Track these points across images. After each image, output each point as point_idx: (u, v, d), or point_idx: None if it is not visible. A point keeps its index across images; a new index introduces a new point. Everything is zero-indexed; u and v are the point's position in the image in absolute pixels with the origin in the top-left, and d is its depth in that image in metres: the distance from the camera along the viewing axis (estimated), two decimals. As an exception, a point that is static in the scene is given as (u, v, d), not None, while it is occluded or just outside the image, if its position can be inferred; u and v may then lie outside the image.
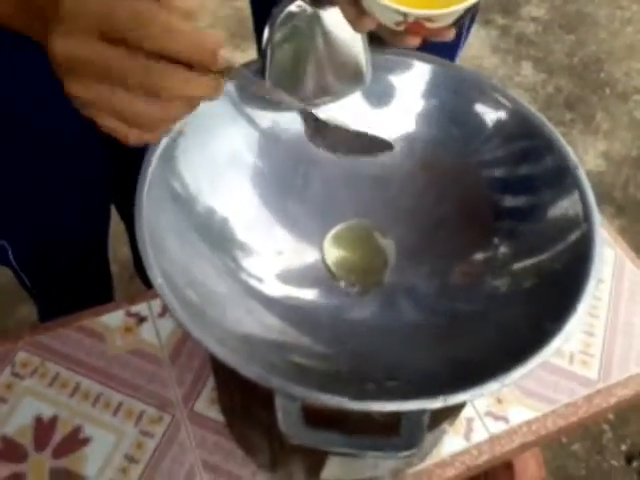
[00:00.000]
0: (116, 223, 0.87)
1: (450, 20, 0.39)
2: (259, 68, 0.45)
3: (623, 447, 1.10)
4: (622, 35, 1.92)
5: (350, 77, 0.47)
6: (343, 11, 0.41)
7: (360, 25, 0.41)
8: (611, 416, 1.11)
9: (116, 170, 0.73)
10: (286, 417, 0.31)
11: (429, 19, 0.38)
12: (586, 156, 1.56)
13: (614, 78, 1.78)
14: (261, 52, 0.44)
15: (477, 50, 1.84)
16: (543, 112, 0.48)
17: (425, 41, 0.42)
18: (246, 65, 0.47)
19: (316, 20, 0.43)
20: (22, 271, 0.76)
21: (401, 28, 0.39)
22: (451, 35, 0.42)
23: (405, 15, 0.37)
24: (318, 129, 0.41)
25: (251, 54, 0.47)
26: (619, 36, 1.91)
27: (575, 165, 0.45)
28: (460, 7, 0.37)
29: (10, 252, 0.72)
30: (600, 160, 1.56)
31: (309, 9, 0.42)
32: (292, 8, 0.42)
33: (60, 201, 0.68)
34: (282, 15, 0.42)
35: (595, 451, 1.09)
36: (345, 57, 0.45)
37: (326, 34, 0.44)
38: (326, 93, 0.47)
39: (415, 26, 0.39)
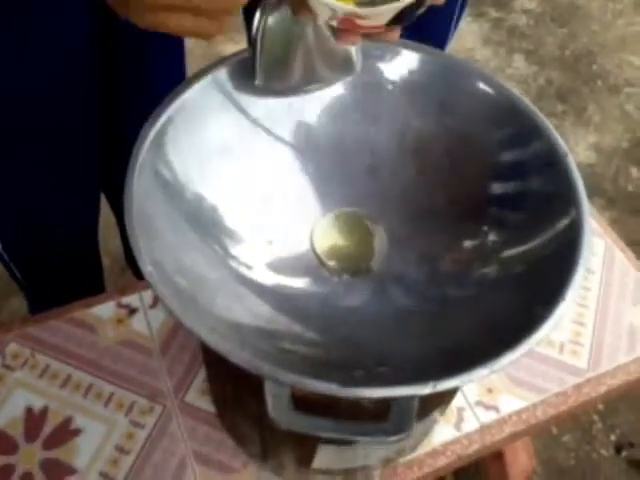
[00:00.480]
0: (107, 215, 0.86)
1: (383, 20, 0.38)
2: (249, 56, 0.45)
3: (612, 437, 1.11)
4: (614, 27, 1.92)
5: (340, 64, 0.47)
6: (289, 5, 0.41)
7: (300, 17, 0.41)
8: (601, 406, 1.12)
9: (107, 160, 0.73)
10: (276, 403, 0.31)
11: (358, 16, 0.38)
12: (577, 148, 1.56)
13: (606, 70, 1.78)
14: (250, 40, 0.44)
15: (469, 42, 1.84)
16: (535, 104, 0.48)
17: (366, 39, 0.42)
18: (236, 54, 0.47)
19: None
20: (12, 262, 0.76)
21: (334, 23, 0.39)
22: (394, 37, 0.42)
23: (334, 10, 0.37)
24: None
25: (243, 45, 0.47)
26: (611, 28, 1.92)
27: (564, 152, 0.45)
28: (384, 7, 0.37)
29: (0, 244, 0.71)
30: (591, 152, 1.57)
31: None
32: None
33: (49, 191, 0.68)
34: (272, 2, 0.42)
35: (585, 441, 1.10)
36: (334, 44, 0.45)
37: (315, 23, 0.44)
38: (316, 80, 0.47)
39: (346, 22, 0.39)
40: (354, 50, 0.47)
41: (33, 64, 0.55)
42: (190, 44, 0.75)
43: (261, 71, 0.45)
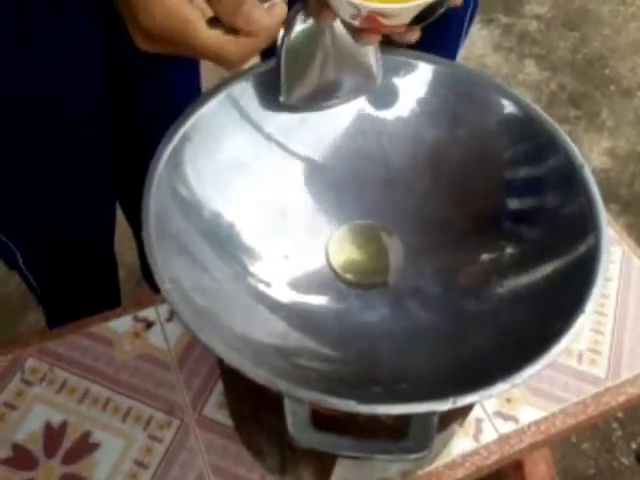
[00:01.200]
0: (123, 227, 0.87)
1: (406, 18, 0.39)
2: (274, 71, 0.45)
3: (633, 445, 1.09)
4: (626, 31, 1.91)
5: (361, 77, 0.47)
6: (309, 6, 0.42)
7: (321, 19, 0.41)
8: (620, 414, 1.11)
9: (124, 174, 0.74)
10: (295, 421, 0.31)
11: (382, 14, 0.38)
12: (591, 153, 1.55)
13: (619, 74, 1.77)
14: (275, 56, 0.45)
15: (480, 49, 1.84)
16: (547, 110, 0.48)
17: (387, 37, 0.42)
18: (251, 69, 0.48)
19: None
20: (31, 275, 0.76)
21: (357, 22, 0.39)
22: (414, 37, 0.42)
23: (358, 8, 0.38)
24: None
25: (256, 59, 0.48)
26: (623, 32, 1.90)
27: (581, 164, 0.44)
28: (411, 5, 0.37)
29: (19, 256, 0.72)
30: (605, 157, 1.55)
31: None
32: (304, 11, 0.43)
33: (66, 203, 0.69)
34: (295, 19, 0.42)
35: (605, 449, 1.08)
36: (355, 57, 0.46)
37: (336, 36, 0.44)
38: (339, 94, 0.47)
39: (369, 21, 0.39)
40: (374, 62, 0.47)
41: (47, 77, 0.55)
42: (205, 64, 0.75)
43: (286, 88, 0.45)
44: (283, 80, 0.45)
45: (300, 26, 0.43)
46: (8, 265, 0.75)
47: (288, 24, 0.43)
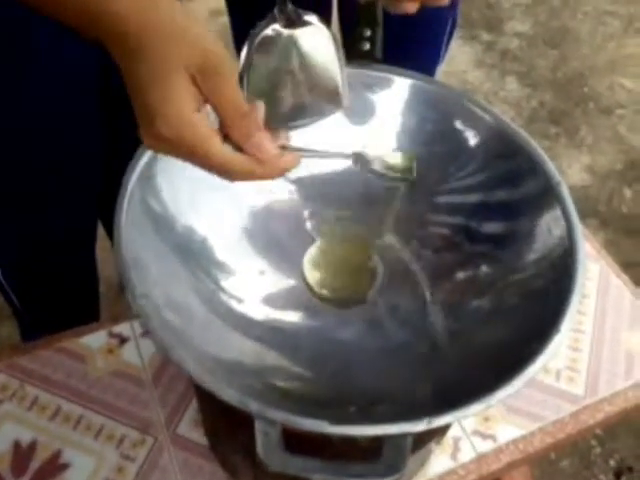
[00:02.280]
0: (103, 241, 0.86)
1: None
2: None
3: (612, 462, 1.09)
4: (605, 50, 1.94)
5: (327, 99, 0.47)
6: None
7: None
8: (599, 432, 1.11)
9: (106, 188, 0.73)
10: (265, 443, 0.30)
11: None
12: (570, 170, 1.57)
13: (597, 92, 1.80)
14: (238, 76, 0.44)
15: (462, 65, 1.86)
16: (527, 126, 0.48)
17: (423, 8, 0.43)
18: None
19: (292, 43, 0.43)
20: (10, 288, 0.75)
21: None
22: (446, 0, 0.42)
23: None
24: None
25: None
26: (602, 51, 1.94)
27: (558, 182, 0.45)
28: None
29: None
30: (584, 174, 1.57)
31: (285, 32, 0.42)
32: (268, 32, 0.42)
33: (49, 217, 0.68)
34: (258, 38, 0.42)
35: (584, 467, 1.08)
36: (322, 79, 0.45)
37: (302, 57, 0.44)
38: (304, 115, 0.47)
39: None
40: (341, 84, 0.46)
41: (40, 102, 0.55)
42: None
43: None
44: (246, 101, 0.44)
45: (265, 46, 0.43)
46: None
47: (249, 45, 0.42)
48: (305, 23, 0.42)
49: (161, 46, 0.33)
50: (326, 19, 0.60)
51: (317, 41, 0.43)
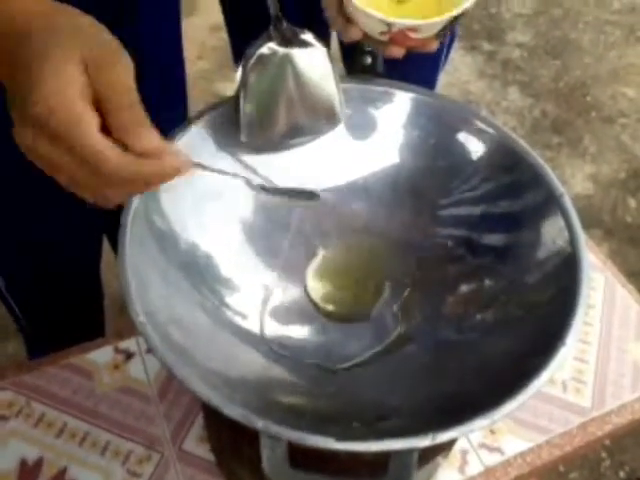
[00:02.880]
0: (108, 256, 0.86)
1: (434, 30, 0.40)
2: (233, 109, 0.45)
3: (621, 474, 1.08)
4: (606, 60, 1.95)
5: (323, 116, 0.47)
6: (332, 21, 0.42)
7: (347, 34, 0.42)
8: (609, 443, 1.10)
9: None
10: (271, 458, 0.30)
11: (414, 29, 0.38)
12: (573, 179, 1.57)
13: (600, 102, 1.80)
14: (234, 94, 0.44)
15: (464, 75, 1.86)
16: (530, 136, 0.48)
17: (409, 52, 0.43)
18: (232, 98, 0.48)
19: (288, 61, 0.43)
20: (14, 303, 0.75)
21: (385, 38, 0.40)
22: (434, 47, 0.43)
23: (390, 25, 0.38)
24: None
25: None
26: (603, 61, 1.94)
27: (561, 193, 0.45)
28: (445, 18, 0.38)
29: (2, 283, 0.71)
30: (588, 183, 1.57)
31: (281, 51, 0.43)
32: (264, 50, 0.42)
33: (53, 231, 0.68)
34: (254, 57, 0.42)
35: (593, 479, 1.07)
36: (317, 97, 0.45)
37: (298, 75, 0.44)
38: (300, 133, 0.47)
39: (399, 36, 0.39)
40: (337, 101, 0.47)
41: None
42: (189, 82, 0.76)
43: (246, 128, 0.45)
44: (242, 119, 0.44)
45: (261, 65, 0.43)
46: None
47: (245, 64, 0.43)
48: (300, 41, 0.43)
49: (56, 33, 0.31)
50: (326, 34, 0.61)
51: (313, 59, 0.43)
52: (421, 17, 0.39)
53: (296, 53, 0.43)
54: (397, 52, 0.42)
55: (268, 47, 0.42)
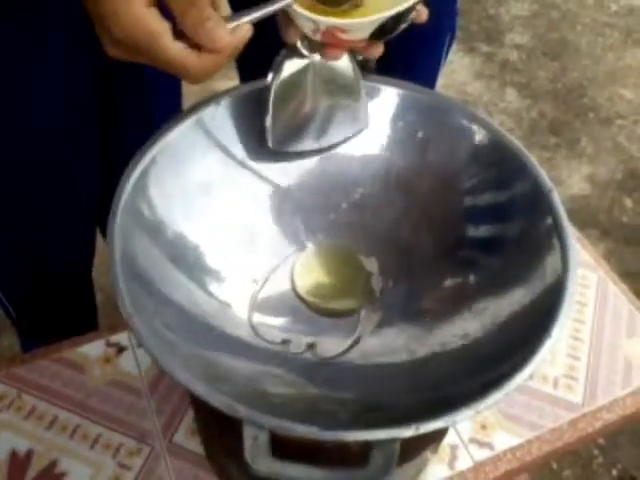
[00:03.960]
0: (100, 250, 0.86)
1: (365, 33, 0.39)
2: (263, 115, 0.45)
3: (614, 472, 1.08)
4: (604, 62, 1.95)
5: (349, 121, 0.48)
6: (278, 21, 0.42)
7: (287, 35, 0.42)
8: (602, 441, 1.10)
9: (103, 196, 0.73)
10: (253, 448, 0.30)
11: (340, 29, 0.39)
12: (570, 180, 1.57)
13: (597, 103, 1.81)
14: (264, 101, 0.45)
15: (462, 76, 1.87)
16: (528, 137, 0.48)
17: (352, 51, 0.44)
18: (223, 93, 0.48)
19: (314, 67, 0.44)
20: (6, 299, 0.75)
21: (318, 37, 0.40)
22: (377, 52, 0.43)
23: (316, 23, 0.38)
24: None
25: (237, 82, 0.49)
26: (601, 63, 1.95)
27: (550, 189, 0.45)
28: (367, 20, 0.38)
29: None
30: (585, 184, 1.57)
31: (308, 57, 0.44)
32: (292, 57, 0.43)
33: (46, 226, 0.68)
34: (283, 65, 0.43)
35: (586, 476, 1.08)
36: (344, 101, 0.46)
37: (324, 81, 0.45)
38: (329, 137, 0.48)
39: (329, 36, 0.40)
40: (362, 105, 0.47)
41: (36, 104, 0.56)
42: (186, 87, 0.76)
43: (273, 134, 0.46)
44: (270, 126, 0.45)
45: (288, 71, 0.44)
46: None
47: (276, 69, 0.43)
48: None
49: None
50: None
51: (338, 64, 0.44)
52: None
53: (322, 59, 0.44)
54: (333, 54, 0.43)
55: (296, 54, 0.43)
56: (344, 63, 0.45)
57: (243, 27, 0.38)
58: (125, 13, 0.34)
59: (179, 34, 0.36)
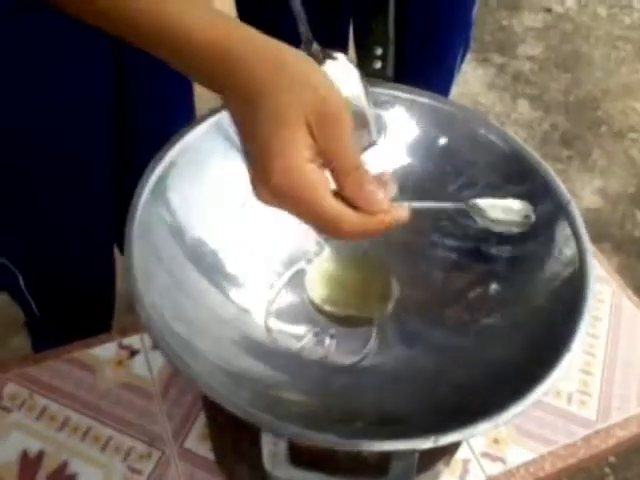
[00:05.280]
0: (117, 254, 0.86)
1: None
2: None
3: (625, 490, 1.07)
4: (617, 74, 1.95)
5: (357, 135, 0.47)
6: None
7: None
8: (613, 459, 1.09)
9: (124, 202, 0.74)
10: (271, 455, 0.30)
11: None
12: (582, 192, 1.56)
13: (610, 116, 1.80)
14: None
15: (475, 87, 1.87)
16: (539, 149, 0.48)
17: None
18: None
19: None
20: (30, 296, 0.76)
21: None
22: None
23: None
24: None
25: None
26: (614, 75, 1.94)
27: (567, 201, 0.45)
28: None
29: (21, 279, 0.72)
30: (597, 197, 1.57)
31: None
32: None
33: (66, 229, 0.69)
34: None
35: (596, 494, 1.07)
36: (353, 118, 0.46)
37: None
38: None
39: None
40: (369, 119, 0.47)
41: (53, 109, 0.56)
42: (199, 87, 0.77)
43: None
44: None
45: None
46: (8, 290, 0.75)
47: None
48: (332, 62, 0.43)
49: (284, 92, 0.32)
50: (343, 47, 0.61)
51: (344, 79, 0.43)
52: None
53: (328, 69, 0.43)
54: None
55: None
56: (351, 77, 0.44)
57: (404, 208, 0.37)
58: (289, 167, 0.32)
59: (335, 194, 0.35)
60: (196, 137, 0.45)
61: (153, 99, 0.67)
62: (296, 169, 0.32)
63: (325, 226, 0.34)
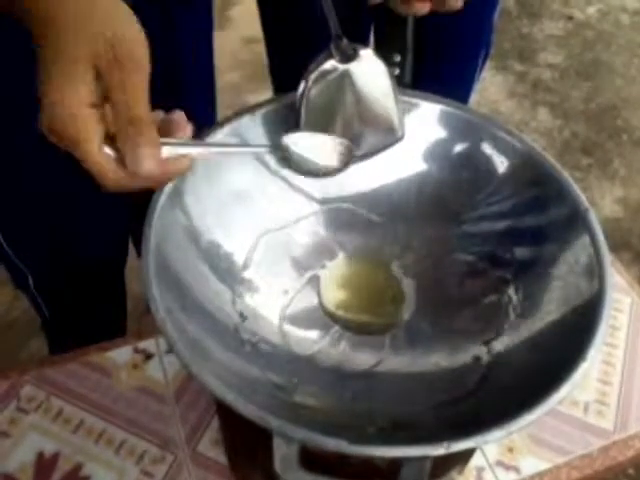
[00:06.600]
0: (131, 258, 0.87)
1: None
2: (293, 124, 0.45)
3: (644, 504, 1.05)
4: (638, 83, 1.93)
5: (382, 133, 0.47)
6: None
7: None
8: (631, 471, 1.07)
9: (138, 205, 0.74)
10: (283, 459, 0.30)
11: None
12: (603, 201, 1.54)
13: (631, 125, 1.78)
14: (295, 109, 0.45)
15: (494, 94, 1.86)
16: (559, 157, 0.48)
17: (434, 11, 0.44)
18: (258, 105, 0.48)
19: (348, 77, 0.43)
20: (41, 299, 0.77)
21: None
22: (459, 4, 0.43)
23: None
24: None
25: (268, 95, 0.49)
26: (635, 84, 1.92)
27: (586, 208, 0.44)
28: None
29: (30, 279, 0.72)
30: (617, 206, 1.55)
31: (341, 67, 0.43)
32: (325, 67, 0.43)
33: (82, 231, 0.70)
34: (315, 73, 0.43)
35: (614, 507, 1.05)
36: (377, 112, 0.45)
37: (357, 91, 0.44)
38: (361, 149, 0.47)
39: None
40: (396, 117, 0.47)
41: None
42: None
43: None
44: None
45: (322, 81, 0.43)
46: (21, 289, 0.76)
47: (307, 79, 0.43)
48: (361, 58, 0.43)
49: (63, 34, 0.31)
50: (365, 42, 0.61)
51: (372, 75, 0.43)
52: None
53: (356, 69, 0.43)
54: (422, 8, 0.44)
55: (329, 64, 0.43)
56: (379, 74, 0.45)
57: (183, 160, 0.36)
58: (61, 109, 0.32)
59: (112, 139, 0.34)
60: (214, 141, 0.45)
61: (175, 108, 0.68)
62: (69, 116, 0.32)
63: (91, 172, 0.34)
